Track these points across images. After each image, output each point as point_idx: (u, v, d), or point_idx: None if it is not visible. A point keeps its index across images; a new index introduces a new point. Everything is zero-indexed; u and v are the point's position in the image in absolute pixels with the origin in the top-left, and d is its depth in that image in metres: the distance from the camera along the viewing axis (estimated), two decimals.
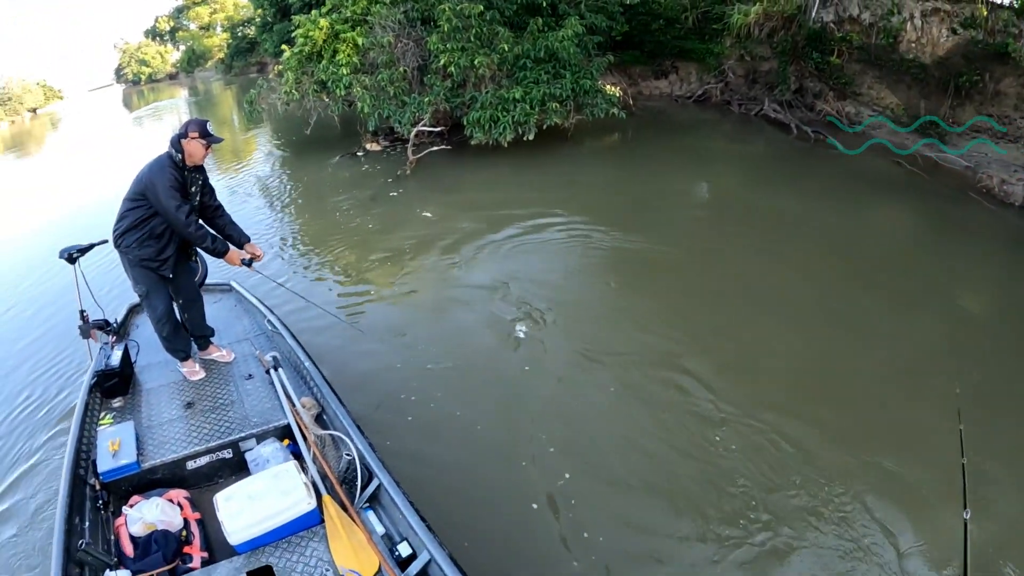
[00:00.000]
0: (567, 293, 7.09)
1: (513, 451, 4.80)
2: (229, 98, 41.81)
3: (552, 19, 13.64)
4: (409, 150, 12.88)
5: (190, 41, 73.74)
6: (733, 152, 12.57)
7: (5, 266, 11.37)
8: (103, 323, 5.45)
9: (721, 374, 5.42)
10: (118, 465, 4.03)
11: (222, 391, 4.91)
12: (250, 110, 15.89)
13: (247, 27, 50.33)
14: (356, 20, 13.91)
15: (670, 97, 16.68)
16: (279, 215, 11.82)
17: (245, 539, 3.44)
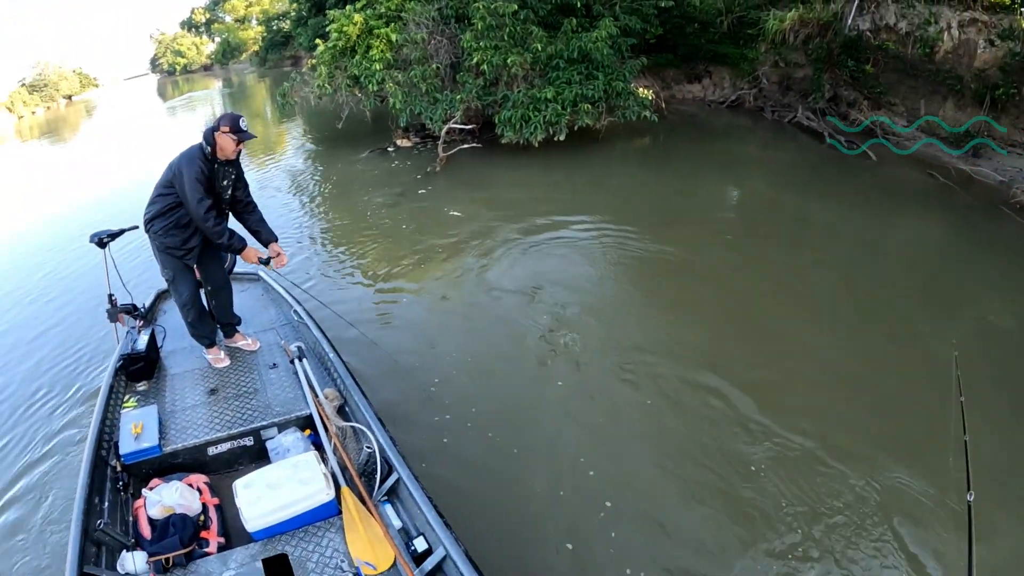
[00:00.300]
0: (598, 302, 6.93)
1: (551, 476, 4.61)
2: (262, 90, 41.98)
3: (586, 20, 13.58)
4: (440, 147, 12.87)
5: (225, 33, 74.35)
6: (765, 159, 12.43)
7: (34, 248, 11.53)
8: (131, 307, 5.52)
9: (756, 389, 5.26)
10: (140, 448, 4.08)
11: (246, 379, 4.94)
12: (283, 103, 15.92)
13: (282, 21, 50.59)
14: (390, 16, 13.90)
15: (703, 102, 16.52)
16: (308, 209, 11.85)
17: (262, 526, 3.47)
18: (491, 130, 13.03)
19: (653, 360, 5.77)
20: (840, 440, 4.67)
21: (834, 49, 14.38)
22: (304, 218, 11.29)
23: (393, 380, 5.78)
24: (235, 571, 3.30)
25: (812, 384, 5.43)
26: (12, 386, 6.79)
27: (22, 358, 7.38)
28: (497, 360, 6.03)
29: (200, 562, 3.39)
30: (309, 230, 10.51)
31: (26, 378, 6.92)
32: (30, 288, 9.59)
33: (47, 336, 7.79)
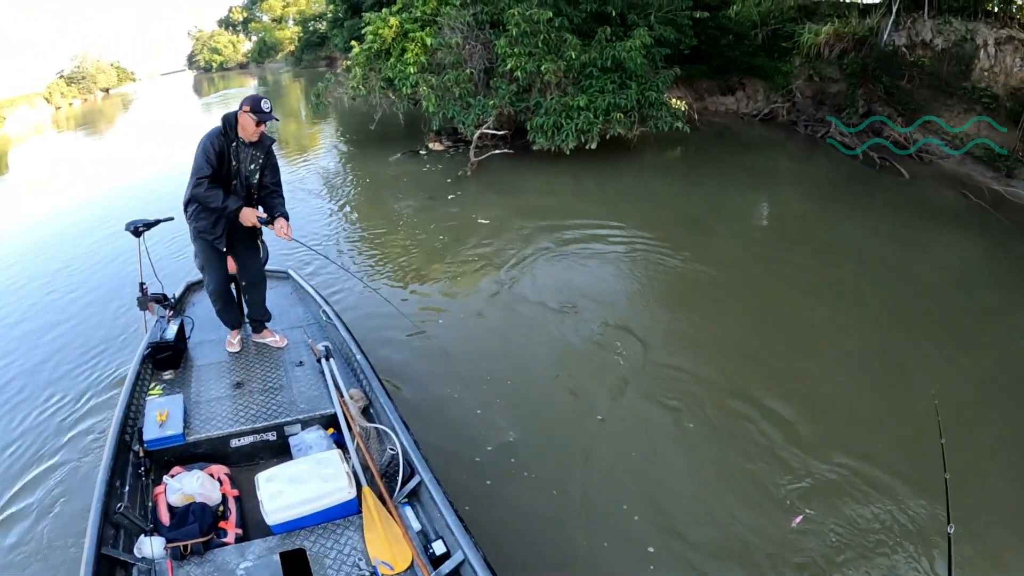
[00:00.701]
0: (632, 321, 6.71)
1: (593, 519, 4.39)
2: (297, 90, 42.35)
3: (620, 29, 13.53)
4: (471, 152, 12.91)
5: (262, 32, 75.01)
6: (796, 173, 12.32)
7: (65, 236, 11.71)
8: (161, 297, 5.60)
9: (795, 415, 5.12)
10: (164, 435, 4.13)
11: (272, 375, 4.98)
12: (317, 103, 16.06)
13: (318, 22, 51.11)
14: (425, 20, 13.96)
15: (736, 114, 16.42)
16: (339, 209, 11.92)
17: (282, 520, 3.48)
18: (523, 136, 13.00)
19: (691, 385, 5.59)
20: (872, 470, 4.58)
21: (869, 64, 14.25)
22: (335, 218, 11.36)
23: (432, 410, 5.51)
24: (252, 562, 3.32)
25: (841, 412, 5.27)
26: (41, 366, 6.93)
27: (52, 340, 7.53)
28: (536, 388, 5.77)
29: (217, 551, 3.41)
30: (340, 231, 10.58)
31: (55, 360, 7.05)
32: (64, 271, 9.80)
33: (77, 319, 7.96)
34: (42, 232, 12.60)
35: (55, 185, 18.75)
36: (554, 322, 6.74)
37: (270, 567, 3.28)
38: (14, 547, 4.47)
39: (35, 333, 7.79)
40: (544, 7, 12.80)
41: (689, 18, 14.98)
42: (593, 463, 4.81)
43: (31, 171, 25.64)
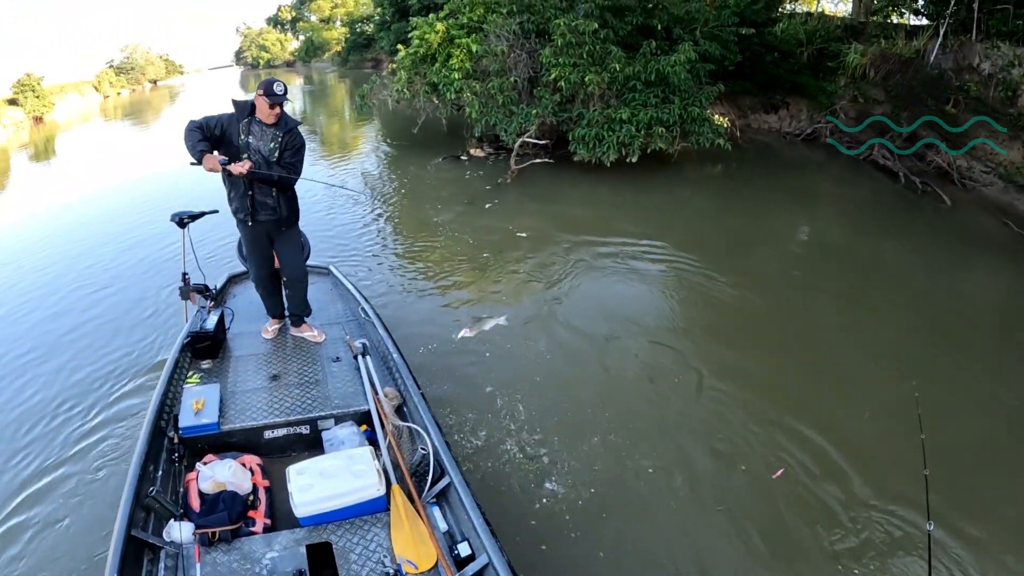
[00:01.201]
0: (673, 352, 6.41)
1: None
2: (342, 90, 42.64)
3: (665, 43, 13.49)
4: (512, 160, 12.91)
5: (309, 32, 75.69)
6: (837, 196, 12.16)
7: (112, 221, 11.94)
8: (203, 287, 5.69)
9: (841, 457, 4.93)
10: (199, 423, 4.25)
11: (308, 369, 5.07)
12: (361, 104, 16.15)
13: (365, 24, 51.48)
14: (472, 27, 14.00)
15: (778, 133, 16.24)
16: (378, 209, 12.01)
17: (310, 513, 3.55)
18: (564, 146, 12.96)
19: (738, 428, 5.33)
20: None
21: (914, 87, 14.07)
22: (375, 218, 11.46)
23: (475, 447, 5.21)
24: (279, 553, 3.37)
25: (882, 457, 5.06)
26: (82, 349, 7.09)
27: (99, 317, 7.80)
28: (584, 427, 5.34)
29: (245, 540, 3.47)
30: (379, 230, 10.67)
31: (99, 339, 7.27)
32: (113, 254, 10.11)
33: (120, 304, 8.16)
34: (91, 215, 12.89)
35: (101, 172, 19.15)
36: (595, 350, 6.49)
37: (296, 558, 3.33)
38: (45, 524, 4.57)
39: (82, 310, 8.07)
40: (590, 18, 12.78)
41: (735, 34, 14.88)
42: (648, 518, 4.53)
43: (79, 157, 26.15)
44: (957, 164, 12.89)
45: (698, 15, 14.74)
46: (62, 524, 4.55)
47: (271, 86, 4.57)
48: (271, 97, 4.57)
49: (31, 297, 8.65)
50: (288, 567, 3.28)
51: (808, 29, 17.67)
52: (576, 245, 9.22)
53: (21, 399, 6.20)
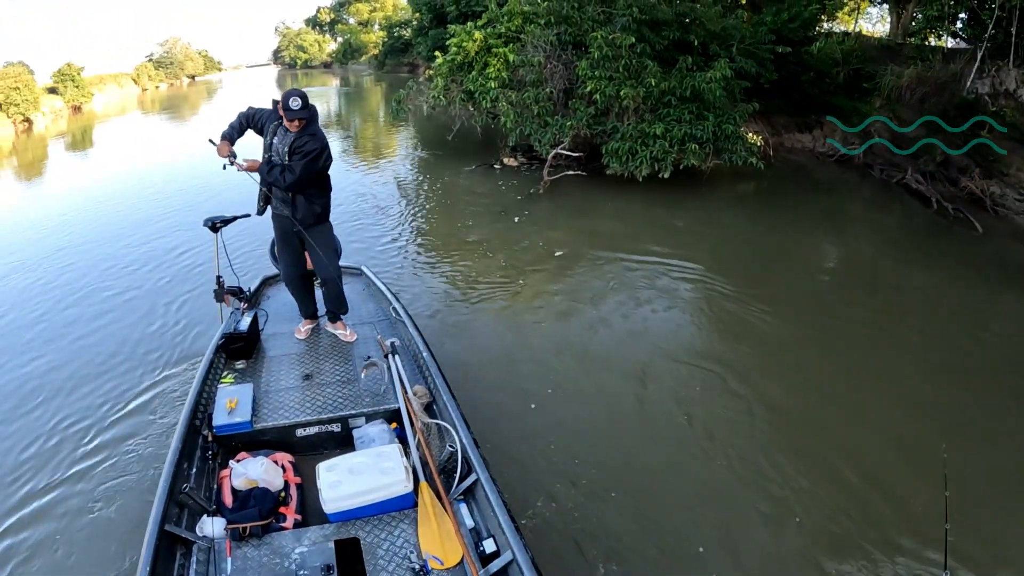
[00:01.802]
0: (710, 383, 6.18)
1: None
2: (378, 93, 42.99)
3: (701, 59, 13.43)
4: (545, 171, 12.93)
5: (348, 34, 76.43)
6: (868, 220, 11.99)
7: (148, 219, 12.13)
8: (237, 289, 5.83)
9: (867, 496, 4.81)
10: (232, 422, 4.35)
11: (340, 368, 5.17)
12: (397, 108, 16.26)
13: (403, 28, 51.66)
14: (509, 37, 14.05)
15: (811, 153, 16.10)
16: (409, 213, 12.10)
17: (339, 509, 3.62)
18: (597, 159, 12.95)
19: (768, 467, 5.12)
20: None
21: (949, 111, 13.97)
22: (406, 221, 11.59)
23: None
24: (307, 548, 3.44)
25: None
26: (120, 344, 7.25)
27: (139, 318, 7.93)
28: (617, 473, 5.00)
29: (275, 535, 3.55)
30: (409, 235, 10.77)
31: (137, 339, 7.40)
32: (150, 254, 10.30)
33: (154, 306, 8.27)
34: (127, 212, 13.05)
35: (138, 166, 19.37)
36: (630, 388, 6.19)
37: (324, 554, 3.39)
38: (79, 517, 4.67)
39: (113, 308, 8.26)
40: (627, 32, 12.75)
41: (771, 52, 14.85)
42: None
43: (117, 148, 26.51)
44: (990, 191, 12.77)
45: (735, 32, 14.66)
46: (96, 517, 4.64)
47: (288, 100, 4.63)
48: (287, 112, 4.65)
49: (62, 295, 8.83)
50: (317, 562, 3.34)
51: (845, 49, 17.59)
52: (607, 262, 9.20)
53: (60, 395, 6.32)
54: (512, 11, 14.38)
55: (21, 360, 7.05)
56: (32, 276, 9.61)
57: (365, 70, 67.93)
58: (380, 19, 71.79)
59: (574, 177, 12.92)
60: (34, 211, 14.86)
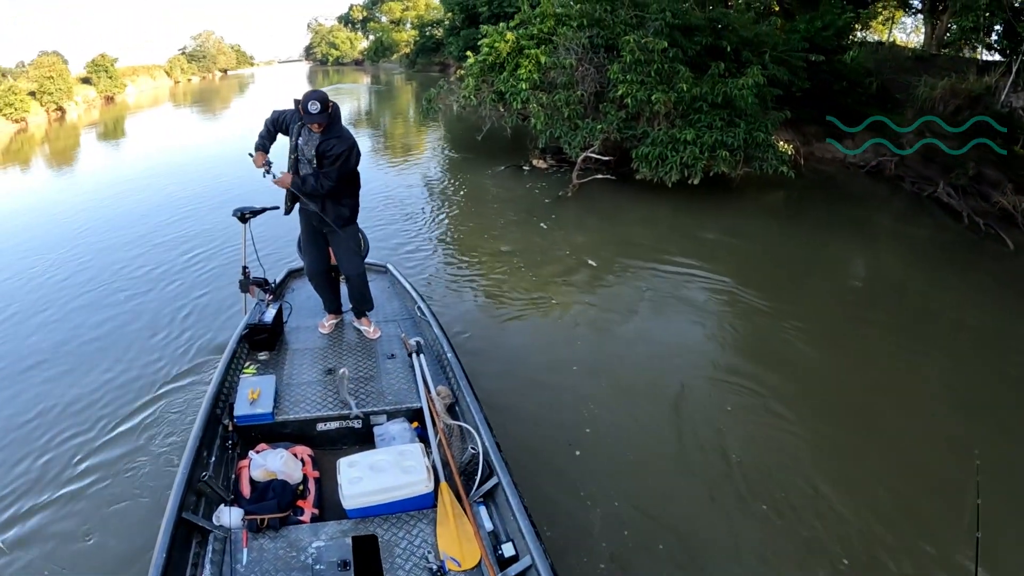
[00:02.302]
0: (738, 400, 6.01)
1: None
2: (408, 92, 42.98)
3: (734, 65, 13.31)
4: (574, 174, 12.84)
5: (379, 32, 76.26)
6: (898, 232, 11.75)
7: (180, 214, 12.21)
8: (262, 281, 5.82)
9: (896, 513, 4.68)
10: (254, 412, 4.36)
11: (363, 364, 5.15)
12: (427, 107, 16.25)
13: (435, 28, 51.52)
14: (541, 38, 13.97)
15: (842, 163, 15.91)
16: (433, 214, 12.07)
17: (358, 505, 3.61)
18: (626, 164, 12.84)
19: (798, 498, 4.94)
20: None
21: (983, 124, 13.76)
22: (433, 219, 11.63)
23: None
24: (325, 543, 3.43)
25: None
26: (142, 334, 7.37)
27: (153, 307, 8.08)
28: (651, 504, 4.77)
29: (292, 528, 3.55)
30: (435, 233, 10.77)
31: (164, 321, 7.62)
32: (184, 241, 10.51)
33: (180, 294, 8.47)
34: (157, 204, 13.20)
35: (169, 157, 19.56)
36: (660, 408, 5.92)
37: (341, 549, 3.38)
38: (96, 502, 4.73)
39: (139, 299, 8.39)
40: (660, 37, 12.64)
41: (803, 60, 14.71)
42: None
43: (149, 139, 26.79)
44: (1023, 207, 12.56)
45: (767, 39, 14.52)
46: (113, 503, 4.69)
47: (307, 104, 4.59)
48: (305, 116, 4.62)
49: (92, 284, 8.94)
50: (333, 557, 3.33)
51: (878, 59, 17.41)
52: (635, 271, 9.10)
53: (84, 378, 6.44)
54: (545, 13, 14.31)
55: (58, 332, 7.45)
56: (66, 257, 9.94)
57: (396, 68, 67.92)
58: (412, 18, 71.72)
59: (603, 181, 12.81)
60: (67, 195, 15.27)
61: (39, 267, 9.56)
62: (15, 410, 5.94)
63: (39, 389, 6.28)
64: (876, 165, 15.17)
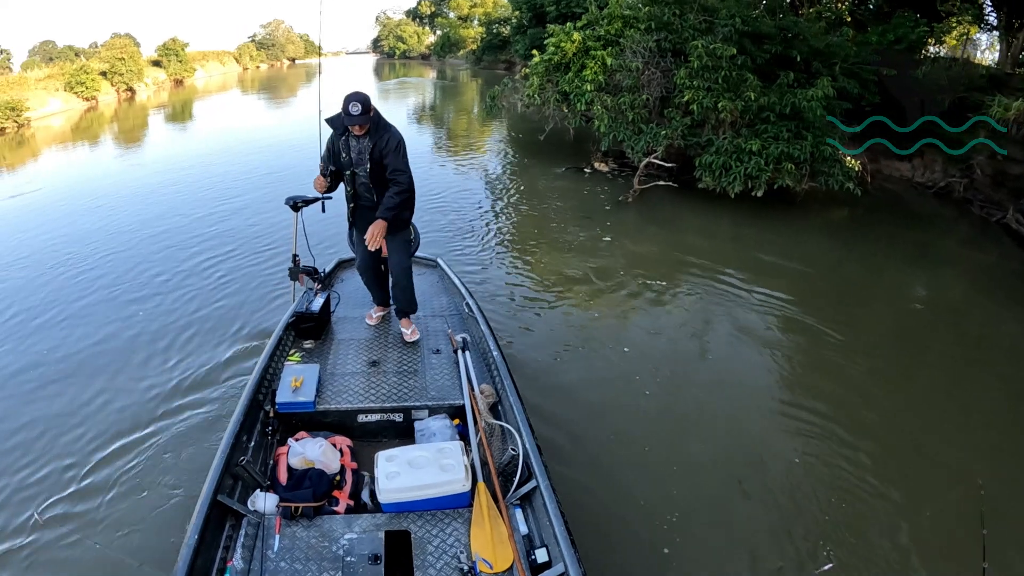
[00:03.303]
0: (793, 429, 5.69)
1: None
2: (473, 88, 43.00)
3: (803, 75, 12.98)
4: (636, 179, 12.63)
5: (447, 28, 77.12)
6: (962, 258, 11.13)
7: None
8: (312, 270, 5.76)
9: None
10: (296, 400, 4.35)
11: (408, 359, 5.09)
12: (491, 104, 16.29)
13: (502, 25, 51.83)
14: (608, 40, 13.83)
15: (909, 182, 15.31)
16: (491, 210, 12.05)
17: (394, 500, 3.57)
18: (688, 172, 12.55)
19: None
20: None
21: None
22: (490, 216, 11.62)
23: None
24: (357, 535, 3.39)
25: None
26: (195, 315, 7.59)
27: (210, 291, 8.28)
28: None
29: (326, 518, 3.52)
30: (490, 235, 10.66)
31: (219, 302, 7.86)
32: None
33: (231, 281, 8.60)
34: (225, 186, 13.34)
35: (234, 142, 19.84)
36: (716, 446, 5.54)
37: (373, 543, 3.34)
38: (132, 481, 4.81)
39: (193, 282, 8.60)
40: (728, 43, 12.36)
41: (874, 73, 14.29)
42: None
43: (215, 124, 27.27)
44: None
45: (839, 50, 14.12)
46: (150, 483, 4.78)
47: (348, 105, 4.47)
48: (347, 118, 4.51)
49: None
50: (365, 550, 3.29)
51: (951, 75, 16.80)
52: (693, 286, 8.77)
53: (134, 357, 6.65)
54: (612, 14, 14.18)
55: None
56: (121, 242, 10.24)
57: (462, 64, 68.07)
58: (480, 15, 72.07)
59: (664, 188, 12.51)
60: (134, 174, 15.66)
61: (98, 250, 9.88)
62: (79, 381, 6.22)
63: (98, 361, 6.58)
64: (945, 186, 14.66)
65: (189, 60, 54.01)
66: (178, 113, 31.82)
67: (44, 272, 8.93)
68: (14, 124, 27.18)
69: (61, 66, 40.07)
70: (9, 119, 26.93)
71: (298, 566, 3.22)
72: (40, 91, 33.19)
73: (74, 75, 35.97)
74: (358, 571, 3.20)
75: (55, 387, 6.11)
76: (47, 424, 5.54)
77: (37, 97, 31.89)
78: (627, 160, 13.68)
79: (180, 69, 51.69)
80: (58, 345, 6.93)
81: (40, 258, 9.50)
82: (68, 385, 6.14)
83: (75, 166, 18.24)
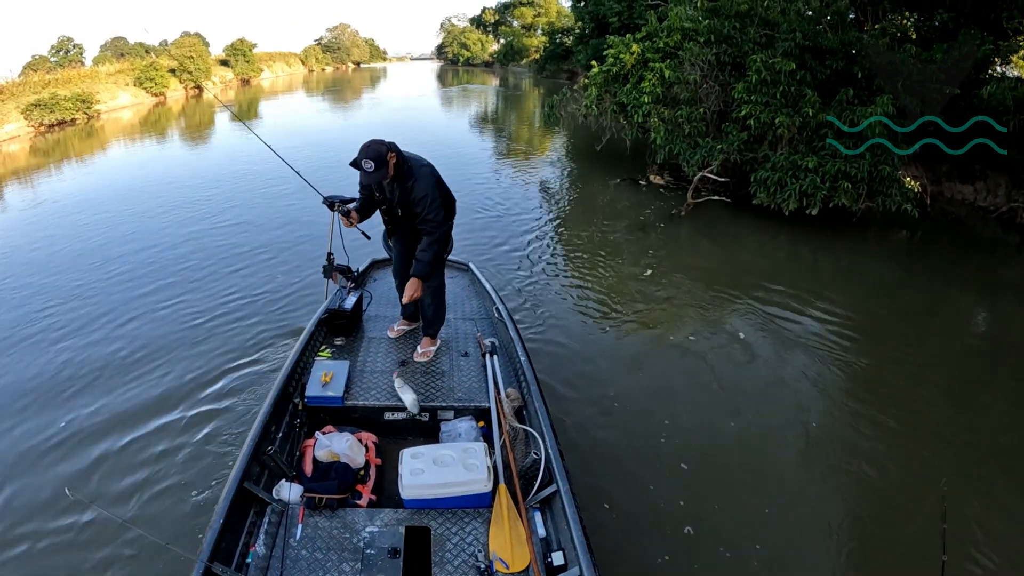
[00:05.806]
0: (835, 463, 5.38)
1: None
2: (535, 97, 43.00)
3: (864, 92, 12.52)
4: (689, 193, 12.39)
5: (510, 37, 77.11)
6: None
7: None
8: (346, 268, 5.85)
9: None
10: (325, 395, 4.43)
11: (436, 360, 5.14)
12: (549, 113, 16.30)
13: (565, 36, 51.69)
14: (667, 52, 13.63)
15: (972, 206, 14.65)
16: (544, 217, 12.02)
17: (416, 496, 3.61)
18: (743, 188, 12.20)
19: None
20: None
21: None
22: (543, 223, 11.58)
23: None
24: (378, 528, 3.45)
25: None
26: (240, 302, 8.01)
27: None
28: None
29: (348, 511, 3.59)
30: (544, 238, 10.67)
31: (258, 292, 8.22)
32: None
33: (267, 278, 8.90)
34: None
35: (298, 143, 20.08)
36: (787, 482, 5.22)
37: (394, 537, 3.40)
38: (162, 459, 5.07)
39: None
40: (789, 58, 11.97)
41: (939, 92, 13.69)
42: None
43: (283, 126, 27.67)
44: None
45: (902, 67, 13.58)
46: (179, 465, 5.00)
47: (362, 161, 4.29)
48: (363, 175, 4.38)
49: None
50: (385, 543, 3.35)
51: (1017, 96, 16.04)
52: (743, 301, 8.47)
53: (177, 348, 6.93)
54: (672, 26, 13.94)
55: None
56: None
57: (524, 73, 68.20)
58: (543, 24, 72.13)
59: (718, 203, 12.23)
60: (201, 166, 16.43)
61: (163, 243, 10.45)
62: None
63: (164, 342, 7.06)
64: (1008, 211, 13.93)
65: (256, 61, 55.23)
66: (244, 112, 32.40)
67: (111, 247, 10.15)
68: (84, 115, 28.07)
69: (131, 62, 41.34)
70: (80, 111, 27.81)
71: (319, 555, 3.29)
72: (111, 85, 34.23)
73: (144, 71, 37.14)
74: (377, 563, 3.25)
75: (105, 373, 6.49)
76: (96, 404, 5.90)
77: (108, 91, 32.90)
78: (683, 174, 13.43)
79: (247, 69, 52.94)
80: (108, 336, 7.37)
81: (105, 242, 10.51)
82: (117, 370, 6.52)
83: (144, 156, 19.40)
